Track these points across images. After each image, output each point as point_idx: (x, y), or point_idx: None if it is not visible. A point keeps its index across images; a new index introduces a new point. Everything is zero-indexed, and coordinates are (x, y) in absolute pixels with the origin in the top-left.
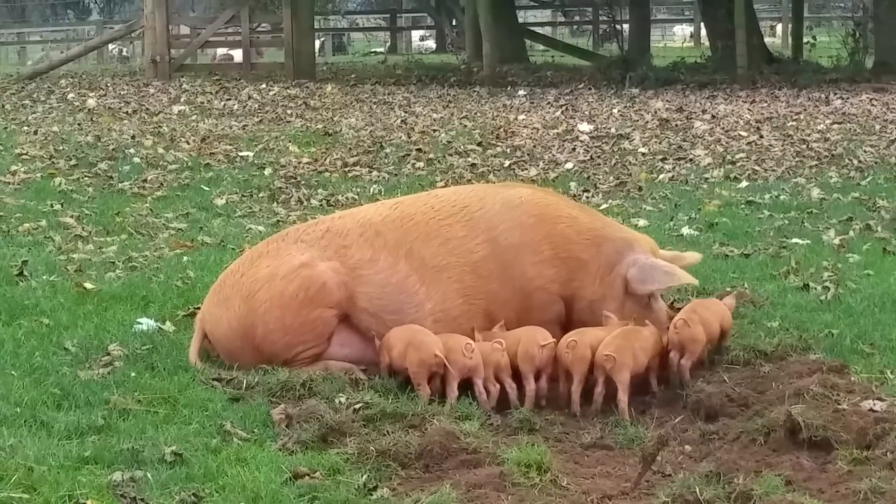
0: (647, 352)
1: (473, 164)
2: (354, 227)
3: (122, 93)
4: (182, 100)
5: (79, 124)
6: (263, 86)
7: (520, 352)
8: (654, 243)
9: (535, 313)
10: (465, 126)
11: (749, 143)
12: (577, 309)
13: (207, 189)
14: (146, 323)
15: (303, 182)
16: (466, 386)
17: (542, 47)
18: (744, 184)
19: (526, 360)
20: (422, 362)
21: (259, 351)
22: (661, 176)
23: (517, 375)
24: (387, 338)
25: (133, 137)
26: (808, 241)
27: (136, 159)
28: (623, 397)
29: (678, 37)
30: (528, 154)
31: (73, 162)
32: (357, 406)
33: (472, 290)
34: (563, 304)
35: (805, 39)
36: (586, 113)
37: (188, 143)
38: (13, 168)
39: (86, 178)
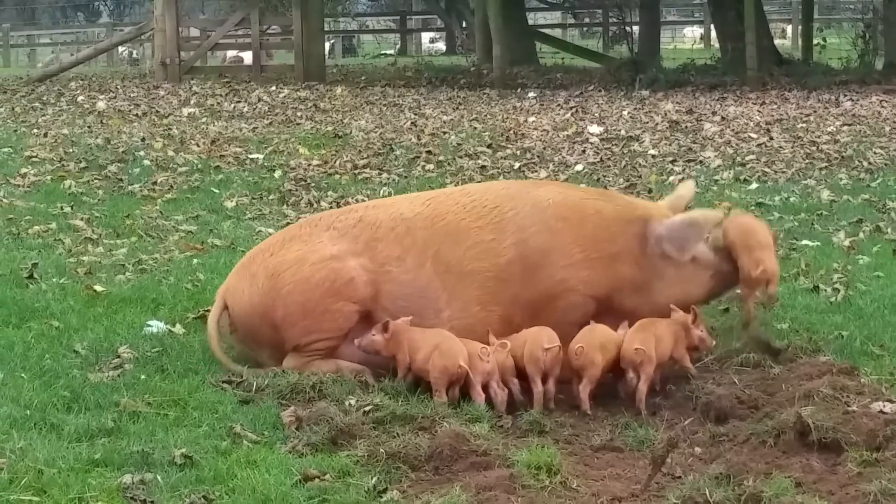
0: (669, 341)
1: (483, 167)
2: (386, 220)
3: (131, 95)
4: (192, 102)
5: (89, 127)
6: (273, 88)
7: (525, 354)
8: (661, 206)
9: (558, 315)
10: (475, 128)
11: (759, 145)
12: (620, 300)
13: (217, 191)
14: (156, 325)
15: (313, 184)
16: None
17: (552, 49)
18: (754, 185)
19: (531, 363)
20: (445, 369)
21: (276, 331)
22: (671, 178)
23: (526, 377)
24: (412, 337)
25: (143, 140)
26: (818, 243)
27: (146, 162)
28: (643, 388)
29: (688, 38)
30: (538, 156)
31: (82, 164)
32: (367, 408)
33: (492, 297)
34: (595, 304)
35: (815, 41)
36: (596, 115)
37: (198, 146)
38: (23, 170)
39: (96, 181)
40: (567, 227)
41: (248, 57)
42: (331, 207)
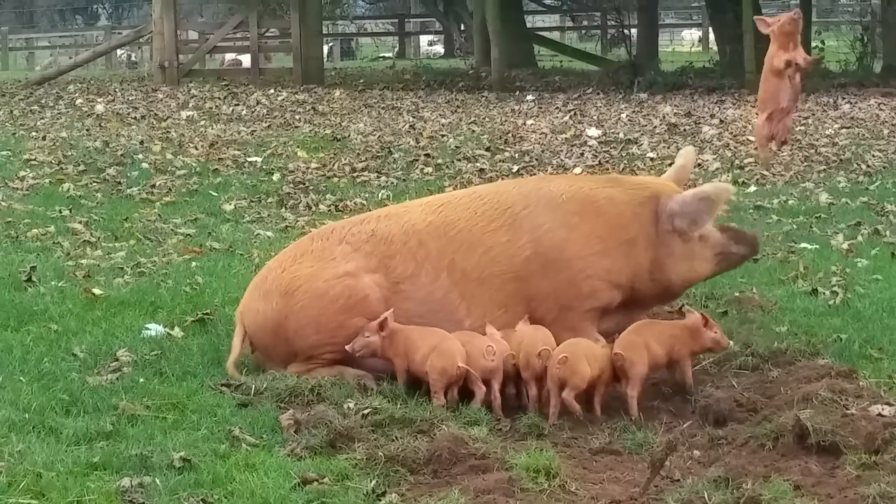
0: (663, 344)
1: (482, 170)
2: (399, 233)
3: (130, 98)
4: (190, 105)
5: (87, 130)
6: (272, 91)
7: (521, 358)
8: (669, 182)
9: (582, 304)
10: (474, 131)
11: (757, 148)
12: (640, 286)
13: (216, 194)
14: (154, 328)
15: (311, 187)
16: (465, 392)
17: (550, 52)
18: (752, 188)
19: (525, 368)
20: (444, 371)
21: (289, 345)
22: None
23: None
24: (409, 337)
25: (141, 143)
26: (817, 246)
27: (145, 165)
28: (632, 393)
29: (686, 41)
30: (536, 159)
31: (81, 167)
32: (365, 411)
33: (514, 298)
34: (619, 294)
35: (813, 44)
36: (595, 118)
37: (196, 149)
38: (21, 174)
39: (94, 184)
40: (582, 221)
41: (246, 60)
42: (329, 210)
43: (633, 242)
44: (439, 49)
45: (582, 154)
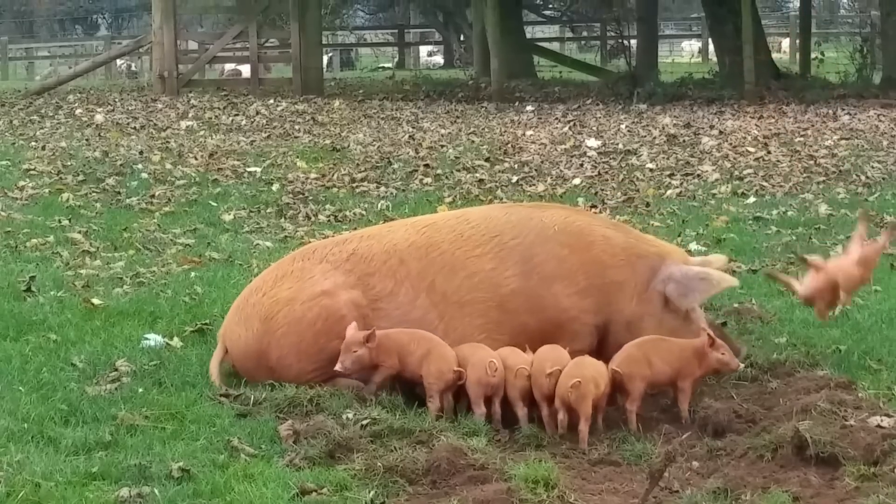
0: (670, 363)
1: (481, 180)
2: (380, 252)
3: (130, 108)
4: (190, 115)
5: (87, 140)
6: (271, 101)
7: (532, 378)
8: (684, 254)
9: (565, 343)
10: (473, 141)
11: (757, 159)
12: (614, 332)
13: (215, 205)
14: (153, 339)
15: (310, 198)
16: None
17: (549, 63)
18: (751, 199)
19: (535, 387)
20: (440, 374)
21: (273, 372)
22: (669, 192)
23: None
24: (399, 340)
25: (141, 153)
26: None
27: (144, 175)
28: (630, 407)
29: (686, 52)
30: (535, 169)
31: (80, 177)
32: (364, 422)
33: (496, 325)
34: (597, 333)
35: (813, 55)
36: (594, 128)
37: (196, 159)
38: (21, 183)
39: (93, 194)
40: (572, 253)
41: (246, 70)
42: (329, 221)
43: (620, 287)
44: (439, 59)
45: (581, 165)
